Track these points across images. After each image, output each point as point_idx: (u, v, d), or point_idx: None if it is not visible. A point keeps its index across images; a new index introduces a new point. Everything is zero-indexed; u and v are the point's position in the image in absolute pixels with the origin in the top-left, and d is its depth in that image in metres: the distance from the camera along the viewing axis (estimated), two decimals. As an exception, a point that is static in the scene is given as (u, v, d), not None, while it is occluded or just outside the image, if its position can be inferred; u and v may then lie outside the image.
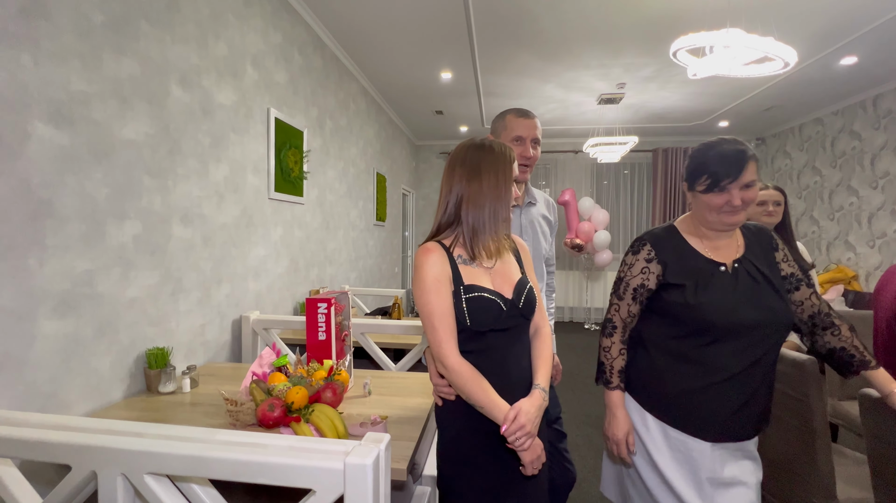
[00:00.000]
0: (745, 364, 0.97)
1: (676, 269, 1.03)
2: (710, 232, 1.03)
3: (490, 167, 0.94)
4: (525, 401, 0.88)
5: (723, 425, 0.99)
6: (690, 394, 1.01)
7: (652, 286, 1.05)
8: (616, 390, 1.09)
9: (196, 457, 0.75)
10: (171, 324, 1.61)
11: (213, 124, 1.82)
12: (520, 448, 0.86)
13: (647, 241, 1.06)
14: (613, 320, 1.10)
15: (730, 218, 0.98)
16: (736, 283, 0.99)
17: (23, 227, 1.10)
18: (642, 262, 1.05)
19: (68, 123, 1.21)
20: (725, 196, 0.96)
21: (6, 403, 1.07)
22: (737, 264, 1.01)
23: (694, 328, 1.00)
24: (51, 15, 1.16)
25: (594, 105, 4.44)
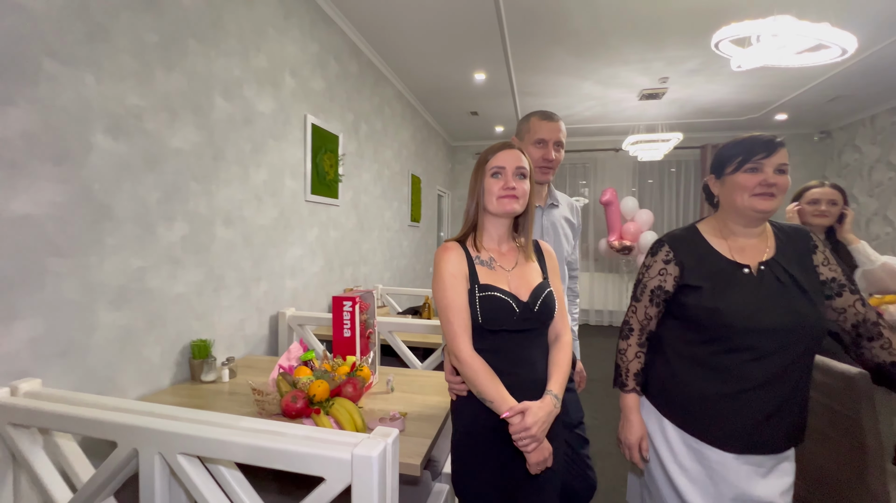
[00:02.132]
0: (771, 372, 0.92)
1: (695, 271, 0.99)
2: (738, 229, 0.99)
3: (474, 172, 1.01)
4: (535, 404, 0.89)
5: (746, 436, 0.94)
6: (710, 401, 0.97)
7: (669, 288, 1.02)
8: (631, 394, 1.07)
9: (221, 440, 0.81)
10: (214, 318, 1.74)
11: (253, 131, 1.94)
12: (524, 449, 0.86)
13: (666, 241, 1.04)
14: (630, 322, 1.09)
15: (763, 202, 0.92)
16: (760, 287, 0.94)
17: (86, 228, 1.24)
18: (660, 264, 1.03)
19: (124, 135, 1.35)
20: (759, 176, 0.92)
21: (70, 385, 1.21)
22: (763, 266, 0.96)
23: (712, 333, 0.95)
24: (111, 38, 1.30)
25: (635, 101, 4.27)
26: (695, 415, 0.98)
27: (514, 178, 0.97)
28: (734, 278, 0.95)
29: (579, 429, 1.27)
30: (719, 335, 0.94)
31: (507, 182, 0.96)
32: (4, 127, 1.05)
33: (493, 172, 0.97)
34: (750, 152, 0.93)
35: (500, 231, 1.02)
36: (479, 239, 1.01)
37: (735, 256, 0.98)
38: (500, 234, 1.02)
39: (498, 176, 0.97)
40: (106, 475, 0.90)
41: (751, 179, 0.93)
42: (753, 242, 0.99)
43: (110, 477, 0.90)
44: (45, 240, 1.14)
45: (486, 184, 0.98)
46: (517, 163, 0.97)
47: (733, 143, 0.97)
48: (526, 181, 0.99)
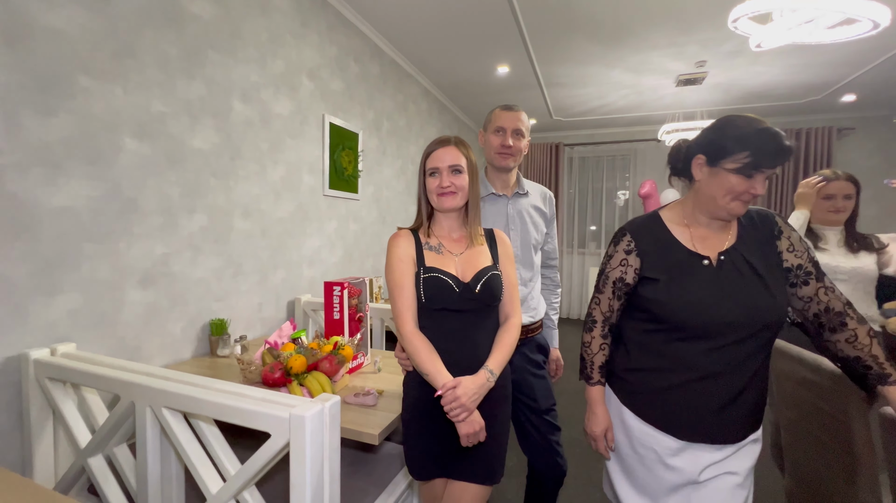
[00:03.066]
0: (726, 363, 0.91)
1: (654, 263, 0.98)
2: (704, 219, 0.96)
3: (419, 168, 1.08)
4: (468, 378, 0.94)
5: (701, 426, 0.93)
6: (665, 390, 0.96)
7: (630, 280, 1.00)
8: (596, 386, 1.08)
9: (194, 398, 0.95)
10: (233, 300, 1.94)
11: (270, 132, 2.12)
12: (455, 419, 0.92)
13: (628, 231, 1.02)
14: (593, 314, 1.09)
15: (740, 208, 0.90)
16: (718, 279, 0.92)
17: (115, 219, 1.45)
18: (621, 254, 1.02)
19: (149, 137, 1.55)
20: (751, 183, 0.87)
21: (103, 351, 1.42)
22: (723, 257, 0.93)
23: (667, 325, 0.95)
24: (136, 54, 1.50)
25: (672, 88, 4.04)
26: (651, 404, 0.99)
27: (449, 175, 1.02)
28: (691, 270, 0.93)
29: (549, 415, 1.30)
30: (674, 327, 0.93)
31: (442, 181, 1.02)
32: (48, 134, 1.26)
33: (430, 172, 1.03)
34: (760, 159, 0.85)
35: (450, 221, 1.08)
36: (431, 227, 1.08)
37: (696, 246, 0.96)
38: (449, 224, 1.08)
39: (434, 175, 1.03)
40: (113, 422, 1.08)
41: (742, 185, 0.87)
42: (716, 232, 0.96)
43: (116, 424, 1.08)
44: (81, 228, 1.35)
45: (426, 182, 1.04)
46: (451, 161, 1.02)
47: (742, 136, 0.86)
48: (463, 175, 1.04)
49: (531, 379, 1.28)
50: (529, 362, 1.29)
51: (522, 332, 1.28)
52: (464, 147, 1.07)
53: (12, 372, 1.20)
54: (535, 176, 5.84)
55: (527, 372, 1.28)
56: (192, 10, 1.69)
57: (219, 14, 1.81)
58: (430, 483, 1.05)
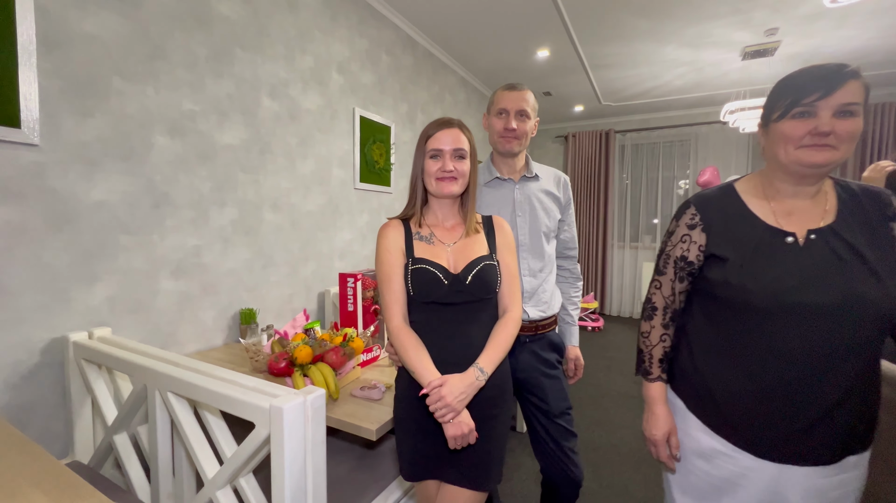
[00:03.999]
0: (814, 367, 0.74)
1: (722, 238, 0.83)
2: (786, 188, 0.80)
3: (416, 149, 1.01)
4: (455, 377, 0.88)
5: (782, 444, 0.78)
6: (736, 399, 0.81)
7: (693, 259, 0.86)
8: (656, 383, 0.93)
9: (190, 383, 0.97)
10: (263, 291, 2.01)
11: (299, 127, 2.17)
12: (441, 420, 0.86)
13: (693, 203, 0.88)
14: (653, 300, 0.94)
15: (812, 155, 0.73)
16: (805, 259, 0.76)
17: (149, 212, 1.54)
18: (683, 229, 0.88)
19: (180, 135, 1.63)
20: (810, 122, 0.73)
21: (139, 336, 1.53)
22: (813, 235, 0.77)
23: (739, 316, 0.80)
24: (167, 55, 1.58)
25: (738, 62, 3.62)
26: (720, 412, 0.84)
27: (451, 159, 0.96)
28: (771, 248, 0.78)
29: (562, 419, 1.19)
30: (747, 319, 0.79)
31: (445, 164, 0.95)
32: (85, 133, 1.36)
33: (431, 154, 0.97)
34: (801, 91, 0.73)
35: (444, 208, 1.02)
36: (424, 215, 1.03)
37: (780, 221, 0.80)
38: (443, 212, 1.02)
39: (436, 157, 0.97)
40: (131, 403, 1.14)
41: (798, 127, 0.74)
42: (806, 205, 0.80)
43: (135, 405, 1.14)
44: (117, 221, 1.45)
45: (425, 164, 0.98)
46: (455, 144, 0.96)
47: (785, 80, 0.77)
48: (465, 161, 0.97)
49: (542, 379, 1.18)
50: (540, 361, 1.19)
51: (531, 328, 1.19)
52: (467, 131, 1.01)
53: (57, 352, 1.32)
54: (581, 166, 5.55)
55: (537, 371, 1.19)
56: (220, 11, 1.76)
57: (247, 13, 1.87)
58: (424, 484, 1.00)
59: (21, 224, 1.23)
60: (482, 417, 0.92)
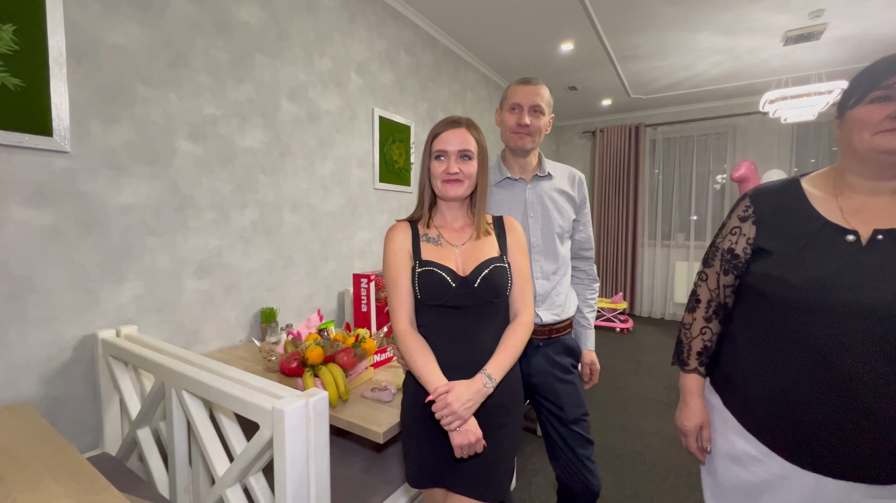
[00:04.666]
0: (860, 367, 0.68)
1: (772, 231, 0.79)
2: (859, 182, 0.74)
3: (423, 149, 0.98)
4: (462, 383, 0.85)
5: (822, 449, 0.72)
6: (780, 402, 0.75)
7: (739, 252, 0.83)
8: (692, 374, 0.91)
9: (203, 383, 0.99)
10: (283, 290, 2.05)
11: (318, 128, 2.19)
12: (447, 428, 0.84)
13: (749, 195, 0.85)
14: (697, 293, 0.92)
15: (889, 140, 0.68)
16: (865, 258, 0.70)
17: (173, 214, 1.60)
18: (735, 221, 0.85)
19: (202, 139, 1.68)
20: (889, 106, 0.68)
21: (164, 333, 1.59)
22: (881, 235, 0.70)
23: (783, 313, 0.75)
24: (189, 62, 1.63)
25: (779, 48, 3.39)
26: (756, 414, 0.80)
27: (457, 161, 0.93)
28: (826, 244, 0.73)
29: (578, 426, 1.14)
30: (788, 315, 0.74)
31: (450, 167, 0.93)
32: (112, 140, 1.42)
33: (436, 155, 0.95)
34: (878, 75, 0.69)
35: (453, 209, 1.00)
36: (432, 216, 1.01)
37: (845, 218, 0.74)
38: (452, 213, 1.00)
39: (441, 159, 0.94)
40: (151, 399, 1.18)
41: (876, 112, 0.69)
42: (880, 202, 0.73)
43: (154, 401, 1.18)
44: (143, 223, 1.51)
45: (430, 166, 0.96)
46: (461, 145, 0.93)
47: (866, 68, 0.73)
48: (471, 162, 0.95)
49: (556, 384, 1.14)
50: (554, 365, 1.15)
51: (545, 332, 1.14)
52: (475, 130, 0.98)
53: (87, 348, 1.38)
54: (610, 162, 5.37)
55: (551, 376, 1.14)
56: (240, 17, 1.80)
57: (266, 18, 1.90)
58: (431, 491, 0.98)
59: (54, 227, 1.30)
60: (490, 425, 0.90)
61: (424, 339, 0.93)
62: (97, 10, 1.37)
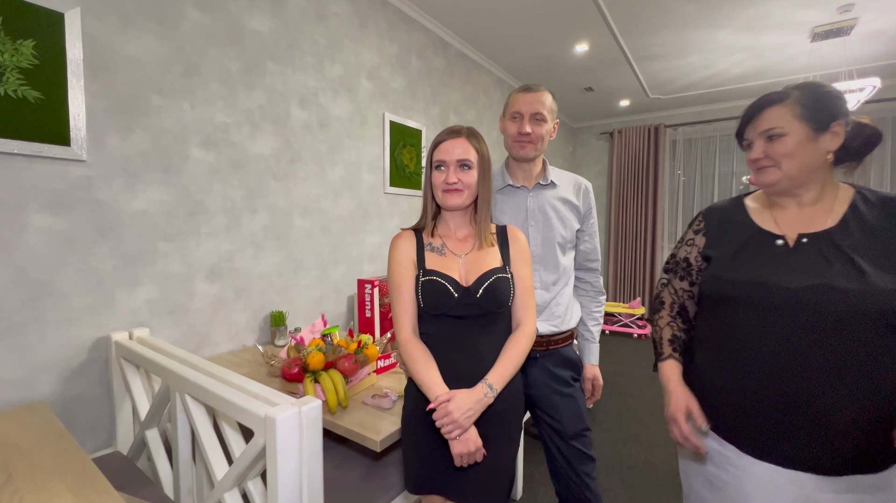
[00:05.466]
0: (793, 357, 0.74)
1: (715, 241, 0.91)
2: (783, 199, 0.86)
3: (426, 159, 0.99)
4: (462, 392, 0.85)
5: (769, 438, 0.77)
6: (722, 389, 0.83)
7: (692, 260, 0.94)
8: (668, 360, 0.92)
9: (202, 387, 1.01)
10: (293, 294, 2.08)
11: (329, 134, 2.22)
12: (447, 436, 0.84)
13: (703, 212, 0.99)
14: (661, 296, 1.01)
15: (759, 177, 0.84)
16: (792, 259, 0.79)
17: (185, 220, 1.64)
18: (690, 234, 0.98)
19: (214, 146, 1.72)
20: (750, 153, 0.85)
21: (176, 336, 1.63)
22: (805, 239, 0.80)
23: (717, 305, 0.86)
24: (201, 72, 1.67)
25: (806, 44, 3.25)
26: (711, 407, 0.85)
27: (456, 170, 0.93)
28: (757, 248, 0.84)
29: (577, 441, 1.11)
30: (727, 311, 0.84)
31: (448, 177, 0.93)
32: (128, 148, 1.47)
33: (436, 165, 0.95)
34: (739, 131, 0.88)
35: (456, 219, 1.00)
36: (436, 226, 1.01)
37: (776, 225, 0.85)
38: (455, 222, 1.00)
39: (441, 168, 0.94)
40: (157, 402, 1.21)
41: (748, 158, 0.86)
42: (806, 211, 0.83)
43: (161, 403, 1.21)
44: (156, 228, 1.56)
45: (431, 175, 0.96)
46: (460, 154, 0.93)
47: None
48: (471, 172, 0.94)
49: (554, 397, 1.11)
50: (553, 378, 1.12)
51: (543, 343, 1.12)
52: (476, 140, 0.98)
53: (102, 350, 1.43)
54: (628, 163, 5.26)
55: (549, 388, 1.12)
56: (252, 27, 1.84)
57: (277, 27, 1.94)
58: (430, 498, 0.98)
59: (71, 232, 1.35)
60: (490, 434, 0.89)
61: (427, 348, 0.93)
62: (114, 23, 1.42)
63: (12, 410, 1.18)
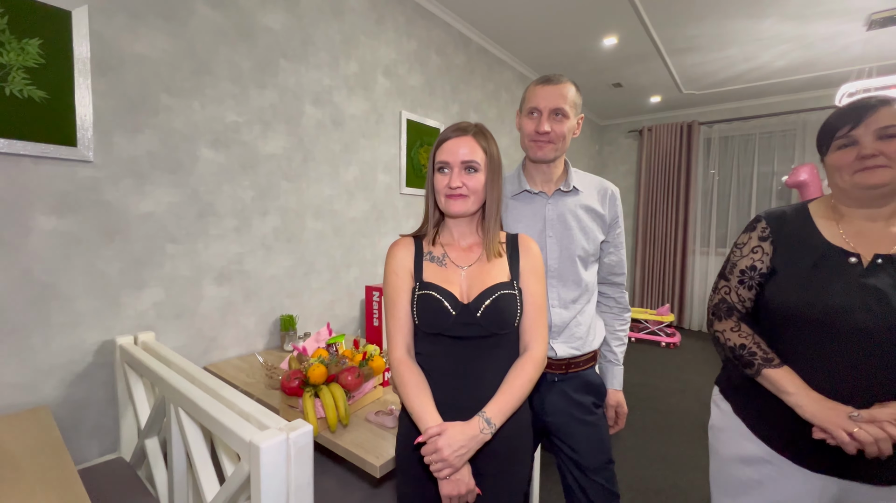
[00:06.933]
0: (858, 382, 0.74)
1: (786, 252, 0.85)
2: (853, 211, 0.82)
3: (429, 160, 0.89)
4: (456, 426, 0.75)
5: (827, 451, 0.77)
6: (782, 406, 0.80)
7: (764, 269, 0.88)
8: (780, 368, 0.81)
9: (194, 403, 0.95)
10: (304, 297, 2.03)
11: (343, 133, 2.16)
12: (436, 475, 0.75)
13: (764, 218, 0.92)
14: (727, 300, 0.92)
15: (867, 177, 0.76)
16: (865, 280, 0.75)
17: (194, 222, 1.61)
18: (755, 241, 0.90)
19: (224, 146, 1.68)
20: (854, 150, 0.78)
21: (184, 340, 1.60)
22: (880, 259, 0.77)
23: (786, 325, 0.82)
24: (212, 70, 1.63)
25: (861, 33, 2.98)
26: (765, 420, 0.86)
27: (461, 173, 0.83)
28: (830, 265, 0.80)
29: (600, 476, 0.99)
30: (797, 331, 0.80)
31: (452, 180, 0.83)
32: (136, 149, 1.45)
33: (439, 167, 0.85)
34: (833, 129, 0.81)
35: (461, 226, 0.90)
36: (438, 233, 0.92)
37: (847, 241, 0.81)
38: (459, 230, 0.90)
39: (444, 171, 0.85)
40: (154, 412, 1.17)
41: (844, 157, 0.79)
42: (878, 227, 0.80)
43: (158, 412, 1.17)
44: (164, 230, 1.53)
45: (433, 179, 0.86)
46: (465, 155, 0.83)
47: (822, 125, 0.86)
48: (477, 175, 0.84)
49: (574, 426, 1.00)
50: (573, 404, 1.01)
51: (562, 367, 1.01)
52: (484, 138, 0.87)
53: (108, 353, 1.41)
54: (658, 163, 5.01)
55: (569, 416, 1.01)
56: (264, 23, 1.79)
57: (291, 23, 1.89)
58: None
59: (77, 234, 1.33)
60: (487, 473, 0.79)
61: (421, 370, 0.84)
62: (122, 21, 1.39)
63: (15, 414, 1.17)
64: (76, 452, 1.35)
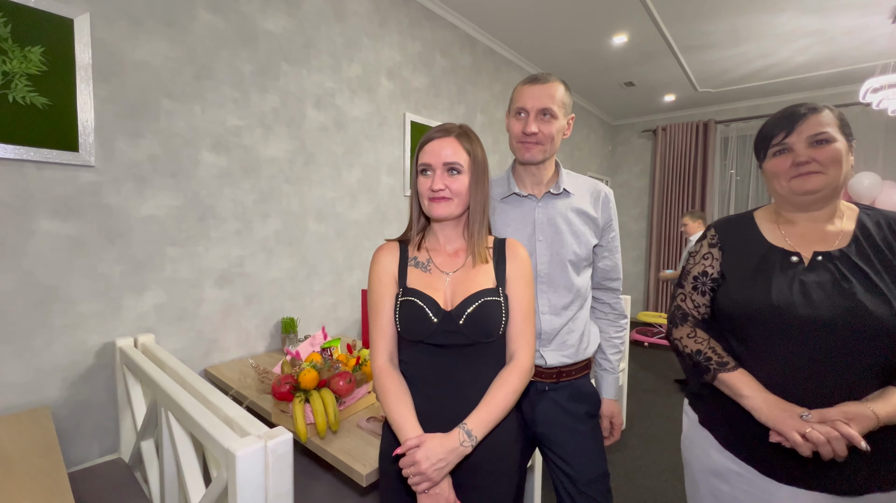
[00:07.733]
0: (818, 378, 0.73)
1: (732, 257, 0.88)
2: (794, 215, 0.85)
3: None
4: (435, 438, 0.73)
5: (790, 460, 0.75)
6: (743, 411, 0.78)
7: (715, 274, 0.89)
8: (734, 371, 0.80)
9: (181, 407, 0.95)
10: (306, 300, 2.03)
11: (346, 136, 2.16)
12: (414, 489, 0.72)
13: (713, 226, 0.95)
14: (682, 308, 0.94)
15: (801, 183, 0.79)
16: (809, 277, 0.77)
17: (195, 225, 1.62)
18: (706, 248, 0.93)
19: (225, 150, 1.70)
20: (789, 157, 0.80)
21: (185, 342, 1.61)
22: (820, 257, 0.79)
23: (740, 327, 0.82)
24: (213, 74, 1.65)
25: (887, 26, 2.85)
26: (730, 429, 0.84)
27: (443, 175, 0.81)
28: (773, 265, 0.82)
29: (592, 488, 0.95)
30: (750, 332, 0.81)
31: (434, 182, 0.81)
32: (137, 153, 1.47)
33: (421, 169, 0.83)
34: (768, 136, 0.84)
35: (446, 230, 0.88)
36: (424, 238, 0.89)
37: (788, 242, 0.83)
38: (445, 234, 0.88)
39: (427, 173, 0.82)
40: (149, 414, 1.18)
41: (780, 164, 0.82)
42: (818, 228, 0.82)
43: (151, 415, 1.18)
44: (165, 233, 1.55)
45: (416, 181, 0.84)
46: (448, 157, 0.81)
47: (758, 132, 0.88)
48: (460, 177, 0.82)
49: (566, 436, 0.96)
50: (566, 414, 0.97)
51: (553, 376, 0.97)
52: (467, 140, 0.85)
53: (108, 355, 1.43)
54: (673, 163, 4.89)
55: (560, 426, 0.97)
56: (265, 27, 1.80)
57: (292, 27, 1.89)
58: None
59: (79, 238, 1.36)
60: (469, 486, 0.76)
61: (403, 379, 0.82)
62: (124, 28, 1.42)
63: (15, 415, 1.19)
64: (77, 452, 1.37)
